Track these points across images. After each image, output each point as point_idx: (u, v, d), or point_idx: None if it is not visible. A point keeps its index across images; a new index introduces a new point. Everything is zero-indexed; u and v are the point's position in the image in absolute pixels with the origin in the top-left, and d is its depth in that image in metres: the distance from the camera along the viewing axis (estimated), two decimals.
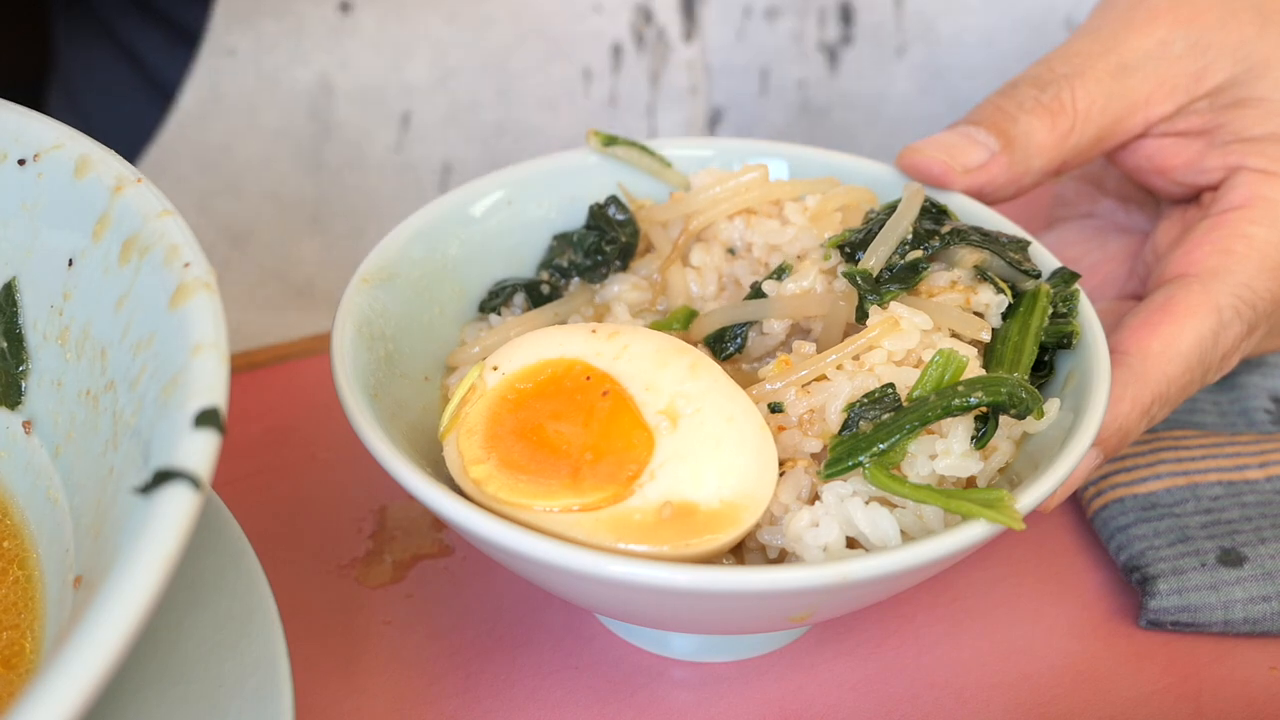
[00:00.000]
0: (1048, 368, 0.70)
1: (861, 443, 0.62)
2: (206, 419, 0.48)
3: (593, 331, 0.66)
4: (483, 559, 0.77)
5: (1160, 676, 0.72)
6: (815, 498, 0.63)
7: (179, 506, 0.46)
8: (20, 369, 0.64)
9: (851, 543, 0.62)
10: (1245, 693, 0.71)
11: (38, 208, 0.63)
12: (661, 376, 0.64)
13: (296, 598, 0.74)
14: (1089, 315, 0.70)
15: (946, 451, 0.62)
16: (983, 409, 0.62)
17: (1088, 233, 0.90)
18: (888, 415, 0.63)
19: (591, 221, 0.78)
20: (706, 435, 0.62)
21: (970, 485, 0.65)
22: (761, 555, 0.64)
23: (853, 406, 0.63)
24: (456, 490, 0.62)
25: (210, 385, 0.50)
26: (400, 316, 0.72)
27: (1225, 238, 0.76)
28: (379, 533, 0.80)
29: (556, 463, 0.62)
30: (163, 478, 0.47)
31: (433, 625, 0.74)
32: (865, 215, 0.74)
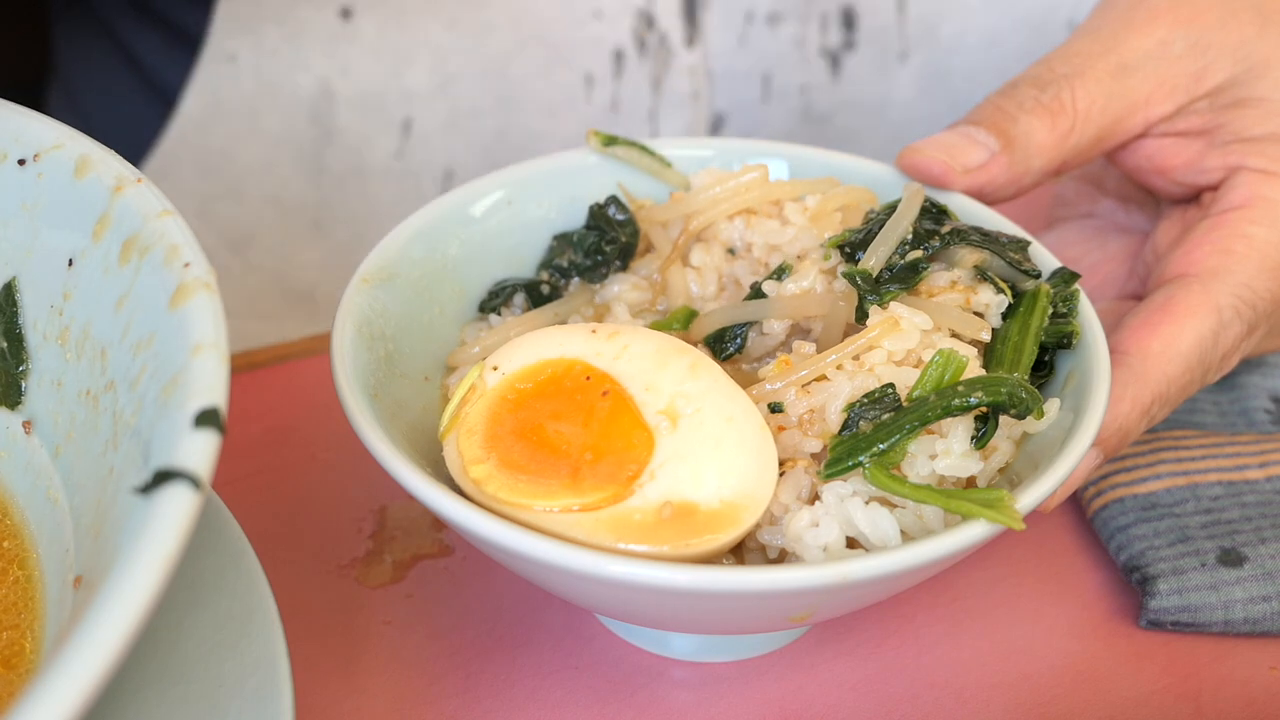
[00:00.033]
0: (1048, 368, 0.70)
1: (861, 443, 0.62)
2: (206, 419, 0.48)
3: (593, 331, 0.66)
4: (483, 559, 0.77)
5: (1160, 676, 0.72)
6: (815, 498, 0.63)
7: (179, 506, 0.46)
8: (20, 369, 0.64)
9: (851, 543, 0.62)
10: (1245, 693, 0.71)
11: (38, 208, 0.63)
12: (661, 376, 0.64)
13: (296, 598, 0.74)
14: (1089, 315, 0.70)
15: (946, 451, 0.62)
16: (983, 409, 0.62)
17: (1088, 233, 0.90)
18: (888, 415, 0.63)
19: (591, 221, 0.78)
20: (706, 435, 0.62)
21: (970, 485, 0.65)
22: (761, 555, 0.64)
23: (853, 406, 0.63)
24: (456, 490, 0.62)
25: (210, 385, 0.50)
26: (400, 316, 0.72)
27: (1225, 238, 0.76)
28: (379, 533, 0.80)
29: (556, 463, 0.62)
30: (163, 478, 0.47)
31: (433, 625, 0.74)
32: (865, 215, 0.74)
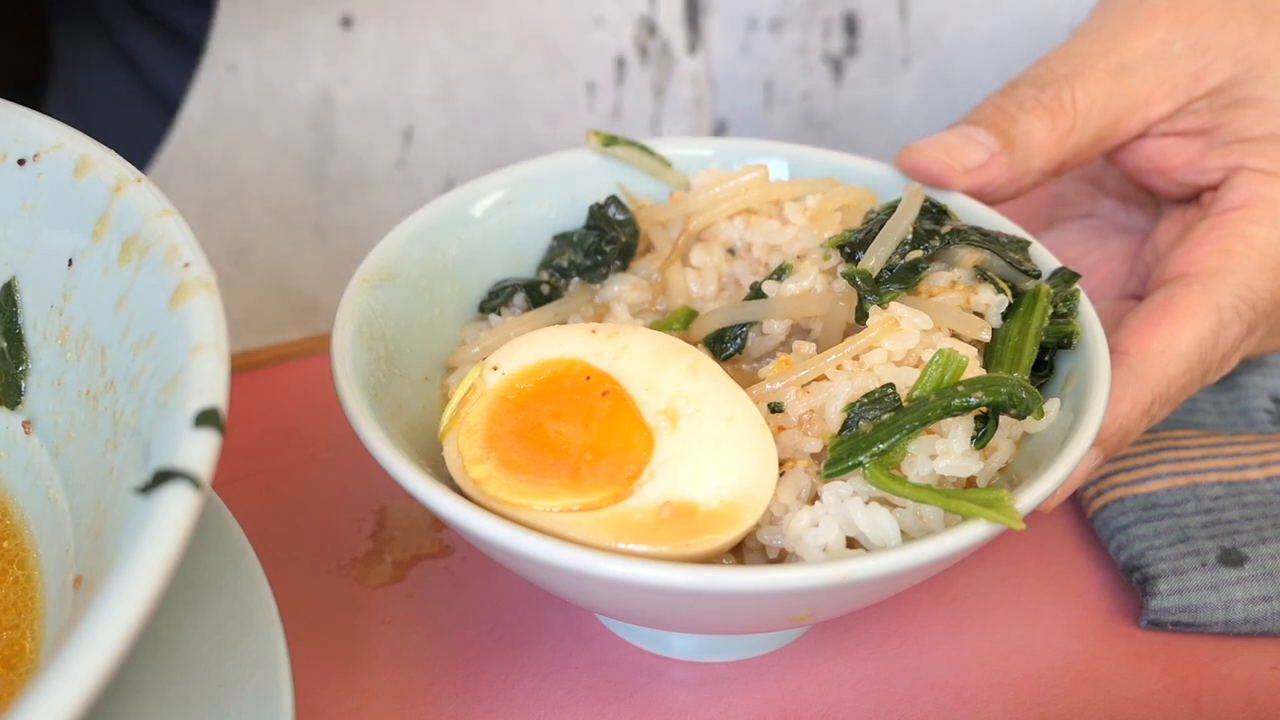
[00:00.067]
0: (1048, 368, 0.70)
1: (861, 443, 0.62)
2: (206, 419, 0.48)
3: (593, 331, 0.66)
4: (483, 559, 0.77)
5: (1160, 676, 0.72)
6: (815, 498, 0.63)
7: (179, 506, 0.46)
8: (20, 369, 0.64)
9: (851, 543, 0.62)
10: (1245, 693, 0.71)
11: (38, 208, 0.63)
12: (661, 376, 0.64)
13: (296, 598, 0.74)
14: (1089, 315, 0.70)
15: (946, 451, 0.62)
16: (983, 409, 0.62)
17: (1088, 233, 0.90)
18: (888, 415, 0.63)
19: (591, 221, 0.78)
20: (706, 435, 0.62)
21: (970, 485, 0.65)
22: (761, 555, 0.64)
23: (853, 406, 0.63)
24: (456, 490, 0.62)
25: (210, 385, 0.50)
26: (400, 316, 0.72)
27: (1225, 238, 0.76)
28: (379, 533, 0.80)
29: (556, 463, 0.62)
30: (163, 478, 0.47)
31: (433, 625, 0.74)
32: (865, 215, 0.74)
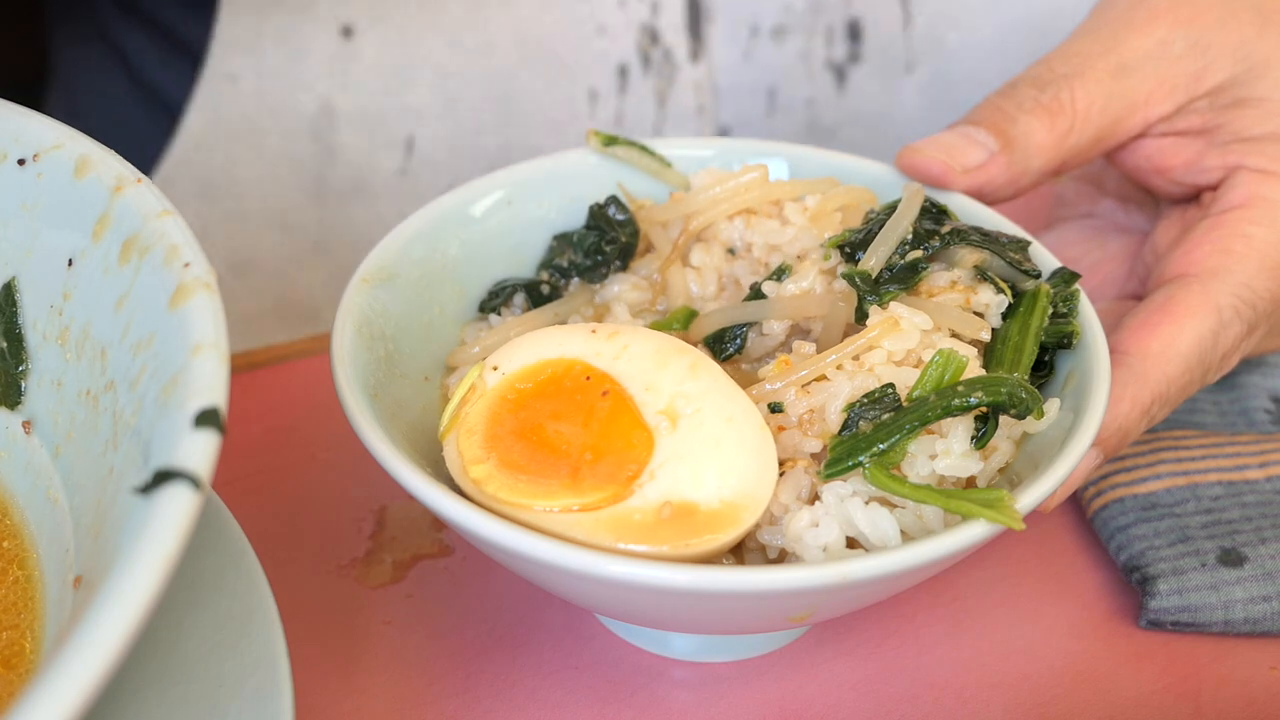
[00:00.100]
0: (1048, 368, 0.70)
1: (861, 443, 0.62)
2: (206, 419, 0.48)
3: (593, 331, 0.66)
4: (483, 559, 0.77)
5: (1160, 676, 0.72)
6: (815, 498, 0.63)
7: (179, 506, 0.46)
8: (20, 369, 0.64)
9: (851, 543, 0.62)
10: (1245, 693, 0.71)
11: (38, 208, 0.63)
12: (661, 376, 0.64)
13: (296, 598, 0.74)
14: (1089, 315, 0.70)
15: (946, 451, 0.62)
16: (983, 409, 0.62)
17: (1087, 233, 0.90)
18: (888, 415, 0.63)
19: (591, 221, 0.78)
20: (706, 435, 0.62)
21: (970, 485, 0.65)
22: (761, 555, 0.64)
23: (853, 406, 0.63)
24: (456, 490, 0.62)
25: (210, 385, 0.50)
26: (400, 316, 0.72)
27: (1225, 238, 0.76)
28: (379, 533, 0.80)
29: (556, 463, 0.62)
30: (163, 478, 0.47)
31: (433, 625, 0.74)
32: (865, 215, 0.74)
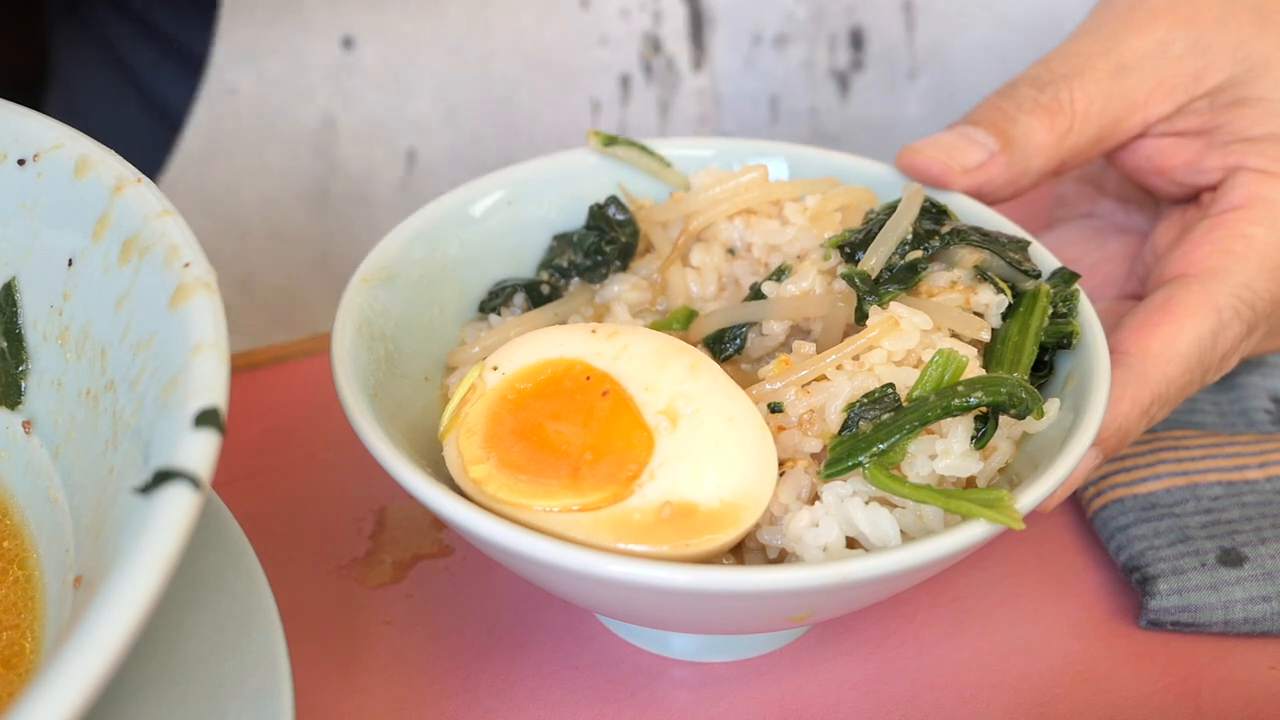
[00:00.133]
0: (1048, 368, 0.70)
1: (861, 443, 0.62)
2: (206, 419, 0.48)
3: (593, 331, 0.66)
4: (483, 559, 0.77)
5: (1160, 676, 0.72)
6: (815, 498, 0.63)
7: (179, 506, 0.46)
8: (20, 369, 0.64)
9: (851, 543, 0.62)
10: (1245, 693, 0.71)
11: (38, 208, 0.63)
12: (661, 376, 0.64)
13: (296, 598, 0.74)
14: (1089, 315, 0.70)
15: (946, 451, 0.62)
16: (983, 409, 0.62)
17: (1087, 233, 0.90)
18: (888, 415, 0.63)
19: (591, 221, 0.78)
20: (706, 435, 0.62)
21: (970, 485, 0.65)
22: (761, 555, 0.64)
23: (853, 406, 0.63)
24: (456, 490, 0.62)
25: (210, 385, 0.50)
26: (400, 316, 0.72)
27: (1225, 238, 0.76)
28: (379, 533, 0.80)
29: (556, 463, 0.62)
30: (163, 478, 0.47)
31: (433, 625, 0.74)
32: (865, 215, 0.74)
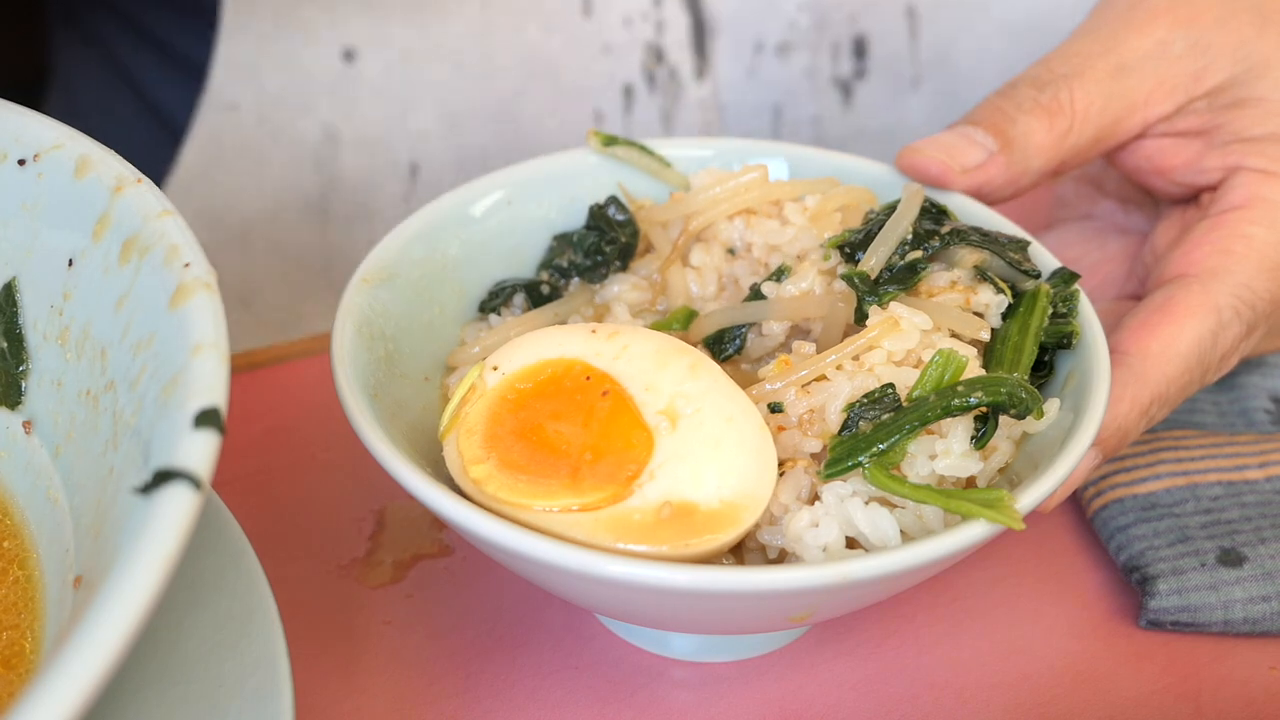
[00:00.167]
0: (1048, 368, 0.70)
1: (861, 443, 0.62)
2: (206, 419, 0.48)
3: (593, 331, 0.66)
4: (483, 559, 0.77)
5: (1160, 676, 0.72)
6: (815, 498, 0.63)
7: (179, 506, 0.46)
8: (20, 369, 0.64)
9: (851, 543, 0.62)
10: (1245, 693, 0.71)
11: (38, 208, 0.63)
12: (661, 377, 0.64)
13: (296, 598, 0.74)
14: (1089, 315, 0.70)
15: (946, 451, 0.62)
16: (982, 409, 0.62)
17: (1087, 234, 0.90)
18: (887, 415, 0.63)
19: (591, 222, 0.78)
20: (706, 435, 0.62)
21: (970, 485, 0.65)
22: (761, 555, 0.64)
23: (852, 406, 0.63)
24: (456, 490, 0.62)
25: (210, 385, 0.50)
26: (400, 316, 0.72)
27: (1224, 238, 0.76)
28: (379, 533, 0.80)
29: (556, 463, 0.62)
30: (163, 478, 0.47)
31: (433, 625, 0.74)
32: (865, 215, 0.74)
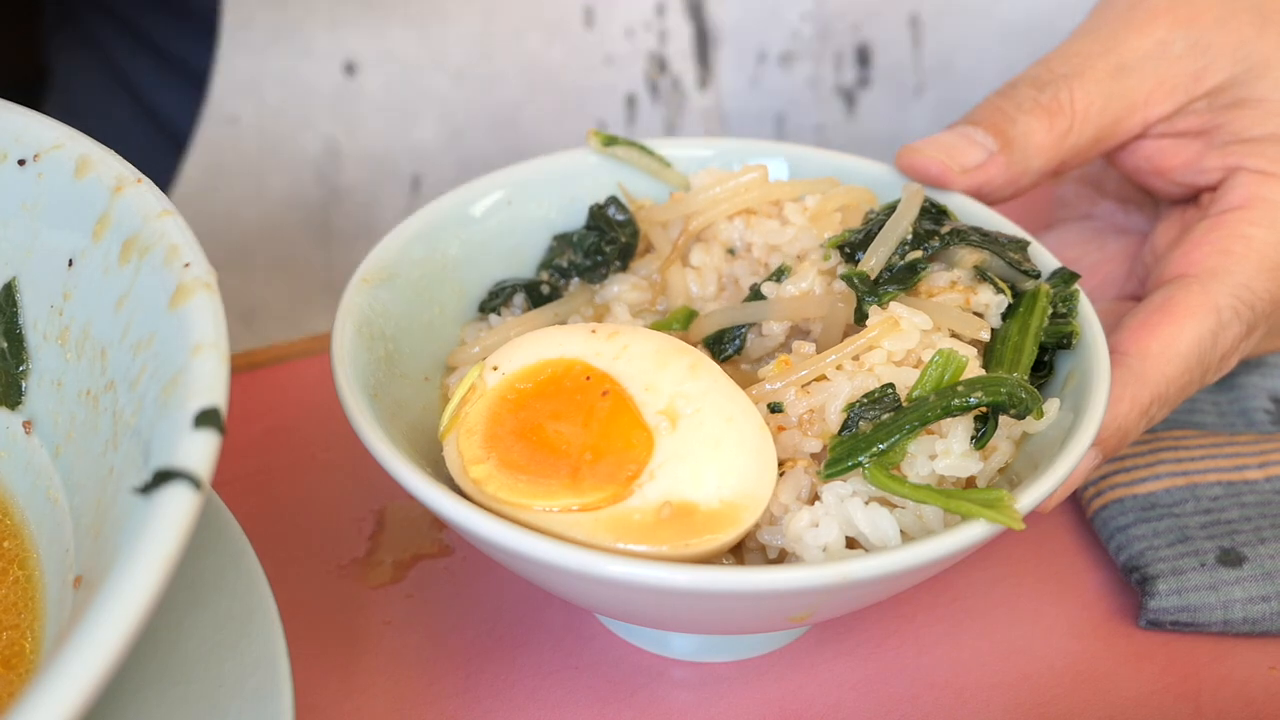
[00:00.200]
0: (1047, 368, 0.70)
1: (861, 443, 0.62)
2: (206, 419, 0.48)
3: (593, 331, 0.66)
4: (483, 559, 0.77)
5: (1160, 676, 0.72)
6: (815, 498, 0.63)
7: (179, 506, 0.46)
8: (20, 369, 0.64)
9: (851, 543, 0.62)
10: (1245, 693, 0.71)
11: (38, 208, 0.63)
12: (661, 377, 0.64)
13: (296, 598, 0.74)
14: (1089, 315, 0.70)
15: (946, 451, 0.62)
16: (982, 409, 0.62)
17: (1087, 234, 0.90)
18: (887, 415, 0.63)
19: (591, 222, 0.78)
20: (706, 435, 0.62)
21: (970, 485, 0.65)
22: (761, 555, 0.64)
23: (852, 406, 0.63)
24: (456, 490, 0.62)
25: (210, 385, 0.50)
26: (400, 316, 0.72)
27: (1224, 238, 0.76)
28: (379, 533, 0.80)
29: (556, 463, 0.62)
30: (163, 478, 0.47)
31: (433, 625, 0.74)
32: (865, 215, 0.74)
